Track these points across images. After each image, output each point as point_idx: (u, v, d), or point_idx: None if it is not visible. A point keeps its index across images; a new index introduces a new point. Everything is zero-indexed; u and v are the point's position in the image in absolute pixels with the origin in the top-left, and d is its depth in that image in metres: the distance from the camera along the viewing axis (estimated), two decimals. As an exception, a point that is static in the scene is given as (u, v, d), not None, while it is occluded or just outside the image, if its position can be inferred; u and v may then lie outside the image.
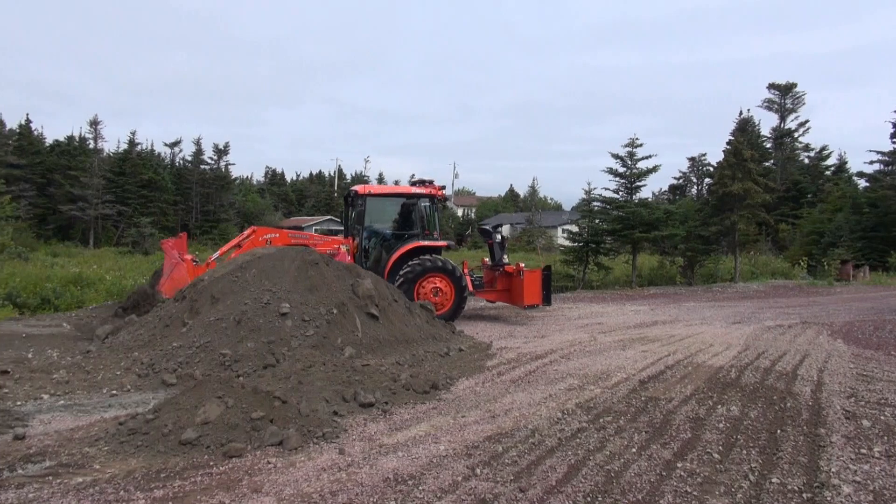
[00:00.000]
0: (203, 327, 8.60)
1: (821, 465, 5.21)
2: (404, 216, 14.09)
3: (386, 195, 14.66)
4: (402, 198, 14.24)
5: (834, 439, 5.90)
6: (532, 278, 14.23)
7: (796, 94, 58.46)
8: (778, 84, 58.61)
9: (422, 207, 14.08)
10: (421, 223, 13.97)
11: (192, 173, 55.77)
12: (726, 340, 11.82)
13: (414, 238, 13.77)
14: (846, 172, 53.75)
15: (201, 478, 4.77)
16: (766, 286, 27.42)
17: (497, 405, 6.96)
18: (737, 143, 29.07)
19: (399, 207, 14.19)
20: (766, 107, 59.71)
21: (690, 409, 6.89)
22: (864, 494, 4.64)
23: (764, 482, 4.86)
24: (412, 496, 4.49)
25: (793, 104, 58.73)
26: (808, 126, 58.22)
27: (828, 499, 4.53)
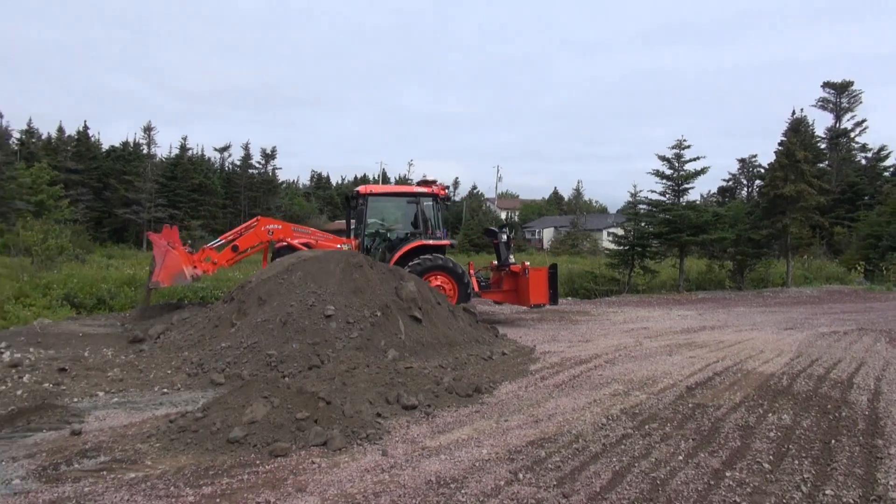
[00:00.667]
0: (250, 328, 8.78)
1: (878, 478, 5.01)
2: (407, 216, 14.17)
3: (388, 195, 14.76)
4: (403, 197, 14.35)
5: (892, 451, 5.66)
6: (537, 277, 14.14)
7: (853, 92, 56.50)
8: (833, 82, 56.77)
9: (424, 207, 14.12)
10: (424, 222, 14.00)
11: (241, 177, 57.05)
12: (778, 347, 11.49)
13: (416, 237, 13.82)
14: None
15: (248, 476, 4.86)
16: (821, 291, 26.55)
17: (540, 410, 6.91)
18: (789, 143, 28.25)
19: (401, 207, 14.32)
20: (821, 106, 57.89)
21: (740, 417, 6.71)
22: (925, 509, 4.45)
23: (817, 494, 4.70)
24: (454, 499, 4.49)
25: (849, 103, 56.78)
26: (865, 126, 56.22)
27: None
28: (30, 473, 4.84)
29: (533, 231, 75.88)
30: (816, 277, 30.86)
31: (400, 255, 13.45)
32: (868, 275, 32.59)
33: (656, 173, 26.36)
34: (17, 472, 4.88)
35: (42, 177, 40.09)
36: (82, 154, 51.16)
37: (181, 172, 52.60)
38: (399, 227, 14.33)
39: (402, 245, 13.71)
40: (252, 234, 12.99)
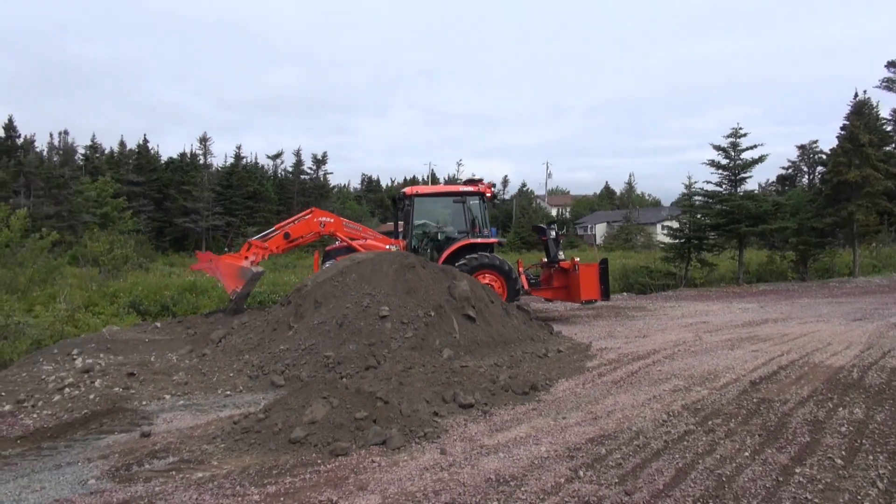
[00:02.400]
0: (307, 330, 8.93)
1: (961, 473, 4.76)
2: (454, 215, 14.21)
3: (434, 195, 14.79)
4: (449, 197, 14.36)
5: (976, 445, 5.38)
6: (588, 273, 14.03)
7: (920, 71, 53.77)
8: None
9: (471, 205, 14.10)
10: (471, 221, 13.99)
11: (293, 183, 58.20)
12: (846, 339, 11.04)
13: (463, 236, 13.81)
14: (982, 153, 48.97)
15: (310, 475, 4.95)
16: (891, 280, 25.40)
17: (599, 406, 6.81)
18: (853, 127, 27.10)
19: (448, 207, 14.34)
20: (886, 87, 55.20)
21: (808, 412, 6.48)
22: None
23: (894, 490, 4.49)
24: (514, 497, 4.47)
25: (916, 82, 54.04)
26: (934, 105, 53.42)
27: (971, 510, 4.14)
28: (104, 474, 5.04)
29: (585, 227, 74.94)
30: (886, 266, 29.55)
31: (448, 255, 13.49)
32: (942, 261, 30.99)
33: (711, 163, 25.69)
34: (91, 472, 5.09)
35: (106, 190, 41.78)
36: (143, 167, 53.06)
37: (236, 181, 53.97)
38: (446, 226, 14.36)
39: (450, 244, 13.75)
40: (304, 224, 13.22)
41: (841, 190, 26.20)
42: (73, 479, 4.97)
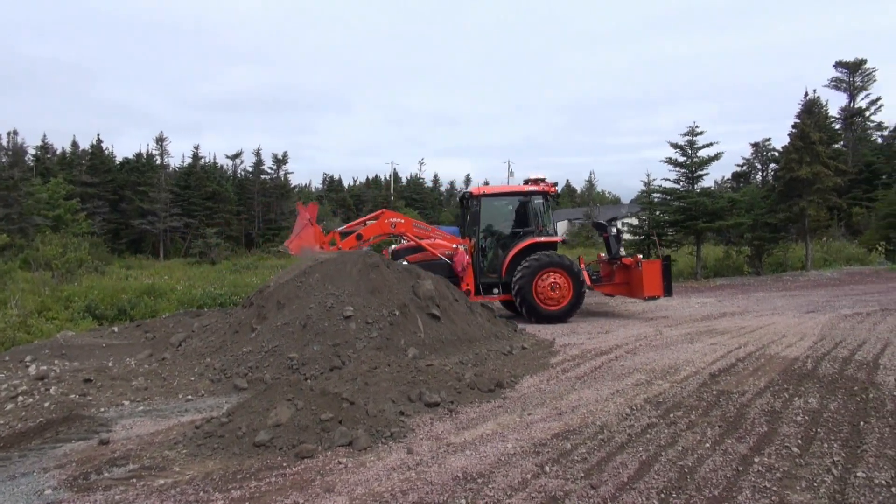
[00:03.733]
0: (271, 332, 8.83)
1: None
2: (519, 214, 14.38)
3: (500, 195, 14.83)
4: (516, 196, 14.52)
5: (923, 431, 5.60)
6: (651, 269, 14.18)
7: (866, 70, 55.67)
8: (846, 61, 56.00)
9: (535, 205, 14.29)
10: (535, 220, 14.18)
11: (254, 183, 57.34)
12: (800, 330, 11.37)
13: (529, 235, 13.98)
14: (924, 150, 50.90)
15: (275, 478, 4.89)
16: (841, 273, 26.24)
17: (563, 402, 6.89)
18: (803, 125, 27.91)
19: (512, 206, 14.52)
20: (834, 86, 57.08)
21: (765, 403, 6.66)
22: (960, 488, 4.38)
23: (848, 476, 4.64)
24: (482, 494, 4.49)
25: (863, 82, 55.98)
26: (880, 104, 55.44)
27: (920, 493, 4.30)
28: (61, 483, 4.90)
29: (547, 225, 75.43)
30: (836, 259, 30.50)
31: (514, 254, 13.67)
32: (889, 255, 32.16)
33: (669, 161, 26.21)
34: (48, 482, 4.94)
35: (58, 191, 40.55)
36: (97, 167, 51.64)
37: (195, 181, 52.94)
38: (510, 226, 14.52)
39: (516, 243, 13.89)
40: (376, 226, 13.24)
41: (793, 186, 26.95)
42: (29, 489, 4.82)
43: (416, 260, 13.35)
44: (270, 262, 33.29)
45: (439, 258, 13.52)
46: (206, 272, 26.39)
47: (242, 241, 53.34)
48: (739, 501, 4.28)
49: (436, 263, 13.34)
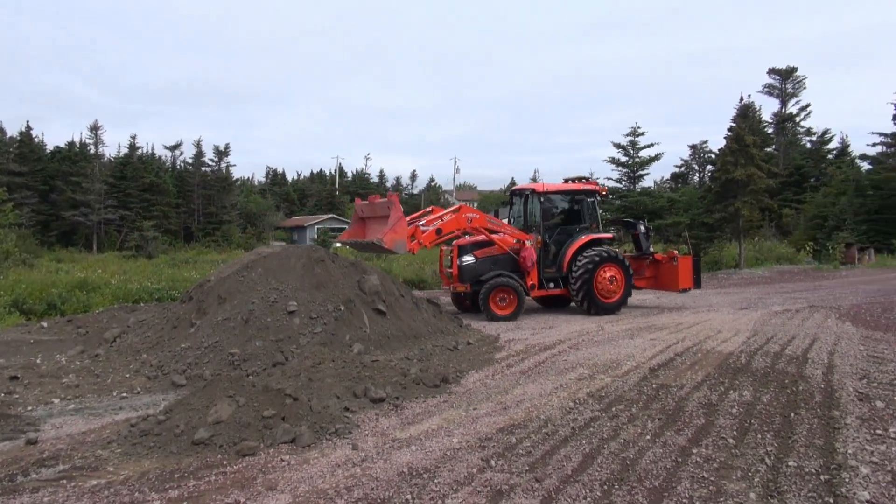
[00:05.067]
0: (211, 327, 8.60)
1: (837, 447, 5.17)
2: (575, 211, 14.89)
3: (561, 192, 15.11)
4: (574, 194, 14.94)
5: (848, 421, 5.86)
6: (685, 264, 15.24)
7: (797, 78, 58.08)
8: (778, 69, 58.29)
9: (589, 202, 14.86)
10: (590, 217, 14.80)
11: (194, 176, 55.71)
12: (734, 326, 11.78)
13: (585, 231, 14.51)
14: (849, 155, 53.48)
15: (215, 477, 4.76)
16: (772, 271, 27.33)
17: (508, 397, 6.93)
18: (739, 129, 28.95)
19: (569, 204, 14.98)
20: (767, 92, 59.36)
21: (702, 396, 6.86)
22: (882, 475, 4.60)
23: (781, 466, 4.82)
24: (428, 489, 4.47)
25: (793, 88, 58.37)
26: (809, 110, 57.92)
27: (846, 480, 4.50)
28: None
29: (492, 222, 76.02)
30: (767, 258, 31.75)
31: (575, 249, 14.06)
32: (816, 254, 33.67)
33: (612, 161, 26.77)
34: (-30, 485, 4.67)
35: (-18, 180, 38.55)
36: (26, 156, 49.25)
37: (131, 172, 51.09)
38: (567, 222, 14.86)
39: (576, 239, 14.28)
40: (454, 220, 13.14)
41: (728, 187, 27.91)
42: (-52, 493, 4.54)
43: (483, 254, 13.68)
44: (210, 257, 32.47)
45: (507, 252, 13.78)
46: (142, 266, 25.52)
47: (181, 234, 51.83)
48: (679, 492, 4.39)
49: (502, 258, 13.76)
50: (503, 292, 13.24)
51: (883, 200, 40.20)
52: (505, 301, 13.24)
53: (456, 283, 13.72)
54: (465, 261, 13.62)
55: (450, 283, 14.08)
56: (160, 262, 28.07)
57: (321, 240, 43.29)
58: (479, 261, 13.62)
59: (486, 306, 13.07)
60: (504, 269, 13.56)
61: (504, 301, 13.25)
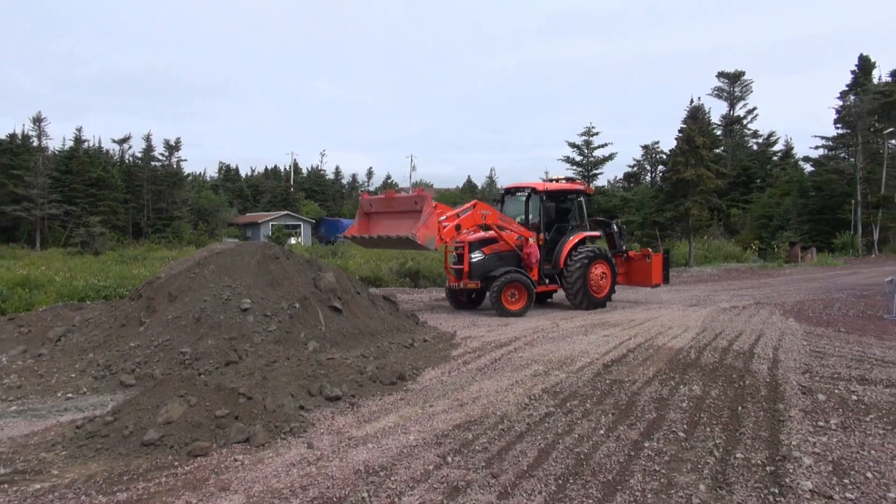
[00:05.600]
0: (161, 326, 8.39)
1: (781, 439, 5.35)
2: (567, 210, 15.42)
3: (558, 191, 15.42)
4: (566, 193, 15.45)
5: (792, 413, 6.06)
6: (658, 261, 16.00)
7: (744, 82, 59.93)
8: (727, 73, 59.96)
9: (579, 202, 15.51)
10: (580, 216, 15.43)
11: (143, 170, 54.25)
12: (684, 323, 12.07)
13: (577, 229, 15.13)
14: (792, 157, 55.46)
15: (166, 479, 4.64)
16: (720, 269, 28.09)
17: (464, 393, 6.96)
18: (689, 130, 29.67)
19: (563, 203, 15.42)
20: (716, 95, 61.07)
21: (654, 390, 7.00)
22: (824, 465, 4.78)
23: (728, 458, 4.96)
24: (384, 487, 4.46)
25: (741, 92, 60.19)
26: (755, 113, 59.90)
27: (790, 471, 4.65)
28: (-82, 492, 4.44)
29: (448, 219, 76.09)
30: (716, 257, 32.65)
31: (571, 245, 14.67)
32: (761, 253, 34.78)
33: (567, 160, 27.12)
34: None
35: (-84, 173, 36.78)
36: (-37, 148, 47.26)
37: (77, 166, 49.46)
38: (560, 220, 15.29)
39: (570, 236, 14.87)
40: (471, 216, 13.31)
41: (679, 187, 28.59)
42: None
43: (490, 251, 13.94)
44: (161, 254, 31.71)
45: (513, 249, 14.08)
46: (88, 263, 24.73)
47: (130, 230, 50.44)
48: (631, 485, 4.48)
49: (507, 254, 14.07)
50: (514, 288, 13.50)
51: (824, 201, 41.74)
52: (515, 296, 13.51)
53: (466, 280, 13.82)
54: (474, 257, 13.82)
55: (457, 280, 14.13)
56: (108, 259, 27.26)
57: (276, 237, 42.72)
58: (486, 257, 13.88)
59: (498, 302, 13.28)
60: (509, 265, 13.85)
61: (514, 297, 13.50)
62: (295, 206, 62.01)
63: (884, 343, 9.92)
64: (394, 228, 12.58)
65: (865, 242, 39.86)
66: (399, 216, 12.74)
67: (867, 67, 43.40)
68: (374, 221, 13.54)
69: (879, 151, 40.61)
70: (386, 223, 13.07)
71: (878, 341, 10.09)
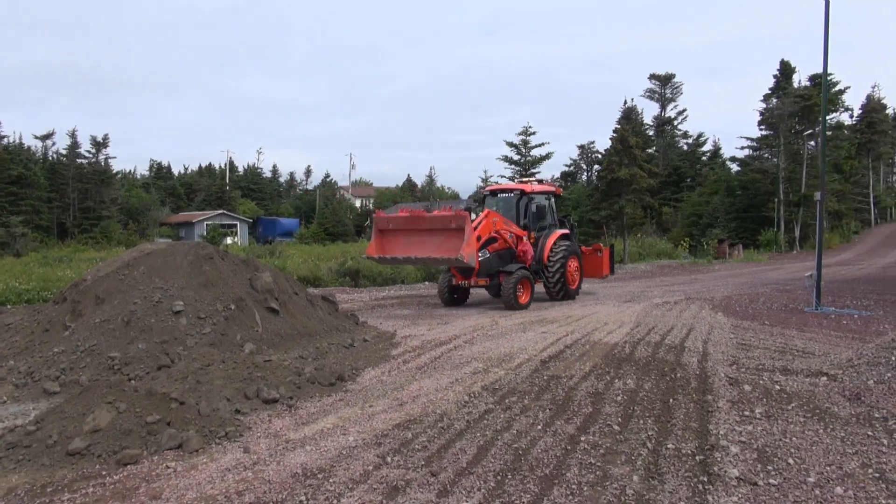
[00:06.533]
0: (88, 330, 8.05)
1: (710, 429, 5.55)
2: (544, 210, 16.35)
3: (539, 193, 16.45)
4: (544, 194, 16.55)
5: (720, 404, 6.30)
6: (606, 255, 17.75)
7: (675, 84, 61.79)
8: (658, 75, 61.73)
9: (552, 202, 16.80)
10: (552, 215, 16.60)
11: (68, 168, 51.93)
12: (619, 318, 12.38)
13: (553, 228, 16.26)
14: (720, 158, 57.63)
15: (93, 489, 4.47)
16: (653, 266, 28.94)
17: (404, 393, 6.95)
18: (623, 130, 30.45)
19: (542, 203, 16.30)
20: (649, 96, 62.80)
21: (590, 385, 7.16)
22: (749, 453, 4.99)
23: (660, 449, 5.12)
24: (323, 489, 4.41)
25: (672, 94, 62.04)
26: (685, 114, 61.84)
27: (718, 459, 4.84)
28: None
29: (388, 218, 75.68)
30: (649, 254, 33.62)
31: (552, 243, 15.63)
32: (692, 250, 36.02)
33: (505, 159, 27.42)
34: None
35: None
36: None
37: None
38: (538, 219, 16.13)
39: (550, 234, 15.89)
40: (486, 225, 14.06)
41: (614, 186, 29.31)
42: None
43: (492, 250, 14.49)
44: (88, 255, 30.46)
45: (508, 248, 14.83)
46: (9, 265, 23.54)
47: (55, 230, 48.21)
48: (568, 478, 4.56)
49: (504, 252, 14.77)
50: (521, 283, 14.29)
51: (750, 200, 43.53)
52: (521, 291, 14.26)
53: (475, 278, 14.50)
54: (482, 256, 14.24)
55: (464, 279, 14.61)
56: (30, 261, 26.02)
57: (211, 236, 41.63)
58: (490, 256, 14.45)
59: (514, 296, 13.99)
60: (506, 262, 14.66)
61: (520, 291, 14.26)
62: (231, 205, 60.53)
63: (804, 335, 10.43)
64: (430, 249, 13.16)
65: (788, 239, 41.80)
66: (428, 234, 13.36)
67: (788, 72, 45.46)
68: (394, 239, 13.94)
69: (800, 152, 42.60)
70: (415, 241, 13.54)
71: (799, 333, 10.61)
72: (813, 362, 8.08)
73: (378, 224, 14.27)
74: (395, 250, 13.76)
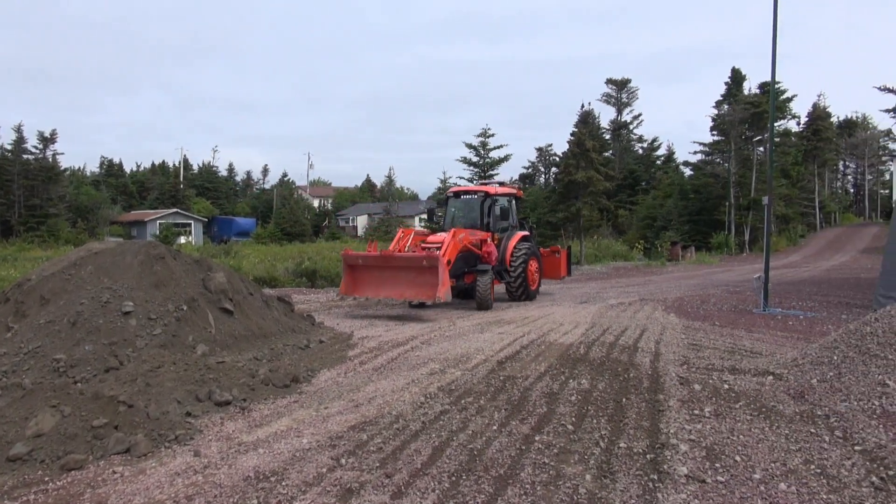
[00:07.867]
0: (31, 331, 7.78)
1: (661, 428, 5.66)
2: (507, 211, 16.56)
3: (502, 195, 16.90)
4: (506, 197, 16.97)
5: (671, 403, 6.43)
6: (564, 256, 18.31)
7: (630, 89, 63.04)
8: (615, 79, 62.84)
9: (513, 204, 17.20)
10: (511, 217, 16.88)
11: (13, 164, 50.15)
12: (575, 319, 12.53)
13: (514, 229, 16.63)
14: (674, 162, 58.96)
15: (35, 496, 4.32)
16: (608, 268, 29.39)
17: (360, 394, 6.91)
18: (580, 134, 30.85)
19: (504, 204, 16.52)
20: (605, 100, 63.90)
21: (545, 385, 7.23)
22: (699, 451, 5.11)
23: (613, 448, 5.20)
24: (275, 492, 4.35)
25: (628, 98, 63.30)
26: (641, 119, 63.15)
27: (668, 458, 4.93)
28: None
29: (347, 218, 75.52)
30: (605, 255, 34.15)
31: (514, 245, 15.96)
32: (646, 252, 36.73)
33: (464, 160, 27.51)
34: None
35: None
36: None
37: (-66, 158, 45.13)
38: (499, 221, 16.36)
39: (512, 235, 16.22)
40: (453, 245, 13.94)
41: (571, 189, 29.68)
42: None
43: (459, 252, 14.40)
44: (33, 254, 29.48)
45: (470, 250, 14.93)
46: (-52, 264, 22.60)
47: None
48: (522, 478, 4.60)
49: (467, 255, 14.82)
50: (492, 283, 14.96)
51: (702, 203, 44.60)
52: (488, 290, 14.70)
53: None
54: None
55: None
56: (-30, 260, 25.01)
57: (164, 236, 40.73)
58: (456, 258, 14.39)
59: (487, 295, 14.33)
60: (469, 264, 14.88)
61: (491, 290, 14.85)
62: (185, 204, 59.31)
63: (752, 335, 10.73)
64: (404, 286, 13.28)
65: (738, 242, 42.97)
66: (399, 270, 13.36)
67: (738, 79, 46.76)
68: (367, 275, 13.88)
69: (750, 157, 43.84)
70: (387, 277, 13.53)
71: (747, 333, 10.91)
72: (760, 362, 8.31)
73: (347, 261, 14.16)
74: (368, 289, 13.82)
